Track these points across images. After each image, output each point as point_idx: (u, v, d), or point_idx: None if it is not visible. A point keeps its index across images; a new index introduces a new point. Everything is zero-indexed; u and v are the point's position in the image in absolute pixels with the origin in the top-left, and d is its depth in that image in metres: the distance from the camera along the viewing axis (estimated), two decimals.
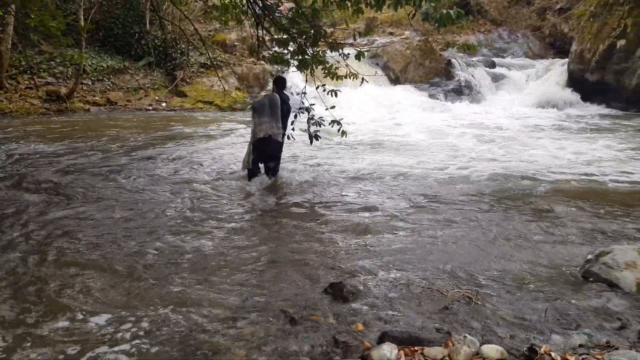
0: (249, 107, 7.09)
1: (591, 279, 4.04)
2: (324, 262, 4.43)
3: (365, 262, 4.43)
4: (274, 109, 6.73)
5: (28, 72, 15.30)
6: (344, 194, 6.74)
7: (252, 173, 7.07)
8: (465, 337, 2.93)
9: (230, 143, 10.19)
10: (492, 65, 20.18)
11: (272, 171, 7.23)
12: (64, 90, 14.75)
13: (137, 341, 3.11)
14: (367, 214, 5.83)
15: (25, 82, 15.19)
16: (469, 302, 3.59)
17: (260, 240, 5.02)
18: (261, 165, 7.20)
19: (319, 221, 5.59)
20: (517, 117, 15.16)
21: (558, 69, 18.71)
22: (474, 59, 20.20)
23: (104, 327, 3.27)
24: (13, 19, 14.20)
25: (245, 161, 7.11)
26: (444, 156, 9.18)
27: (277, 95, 6.88)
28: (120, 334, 3.19)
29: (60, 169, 7.58)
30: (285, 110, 6.98)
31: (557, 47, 22.48)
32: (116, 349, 3.03)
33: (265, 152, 6.99)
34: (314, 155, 9.12)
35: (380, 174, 7.77)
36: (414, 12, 4.75)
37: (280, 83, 7.22)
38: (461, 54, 19.86)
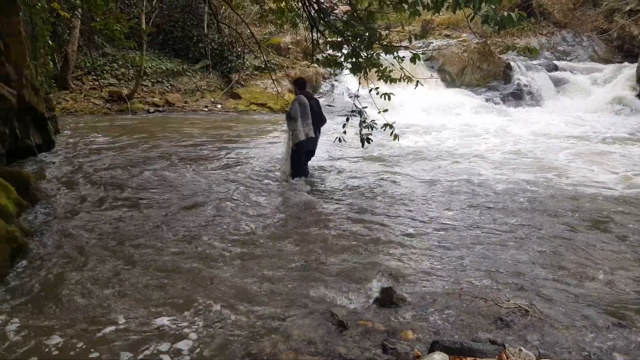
0: (287, 114, 7.25)
1: None
2: (373, 266, 4.37)
3: (417, 269, 4.35)
4: (305, 109, 7.07)
5: (92, 73, 16.00)
6: (395, 199, 6.64)
7: (296, 173, 7.34)
8: (520, 350, 2.81)
9: (280, 143, 10.26)
10: (555, 68, 19.43)
11: (306, 167, 7.62)
12: (125, 91, 15.32)
13: (187, 342, 3.15)
14: (420, 222, 5.70)
15: (90, 82, 15.89)
16: (525, 314, 3.45)
17: (308, 241, 5.01)
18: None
19: (368, 225, 5.52)
20: (586, 125, 14.08)
21: (626, 73, 17.79)
22: (535, 62, 19.54)
23: (161, 326, 3.35)
24: (79, 22, 14.91)
25: (288, 169, 7.39)
26: (516, 165, 8.82)
27: (303, 96, 7.19)
28: (169, 335, 3.26)
29: (120, 162, 7.88)
30: (315, 104, 7.32)
31: (625, 50, 21.41)
32: (168, 348, 3.09)
33: (308, 150, 7.38)
34: (365, 158, 9.05)
35: (443, 181, 7.54)
36: (473, 14, 4.61)
37: (301, 84, 7.56)
38: (521, 57, 19.27)
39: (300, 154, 7.24)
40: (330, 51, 7.14)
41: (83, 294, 3.74)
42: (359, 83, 6.88)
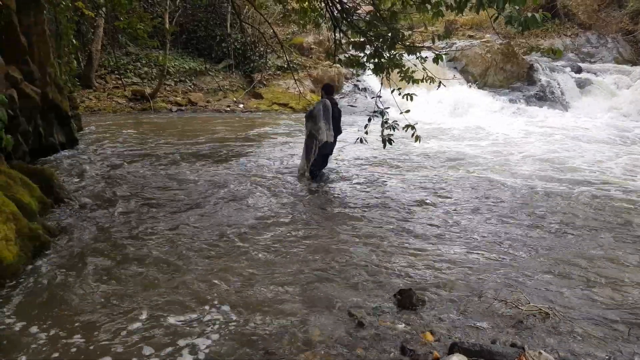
0: (308, 114, 7.40)
1: None
2: (392, 268, 4.37)
3: (436, 271, 4.32)
4: (327, 113, 7.23)
5: (115, 72, 16.23)
6: (412, 203, 6.61)
7: (314, 174, 7.47)
8: (540, 353, 2.79)
9: (302, 143, 10.29)
10: (579, 70, 19.15)
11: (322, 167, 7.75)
12: (148, 90, 15.49)
13: (206, 340, 3.18)
14: (439, 226, 5.65)
15: (113, 81, 16.11)
16: (546, 317, 3.41)
17: (324, 242, 5.01)
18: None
19: (384, 227, 5.51)
20: (617, 129, 13.51)
21: None
22: (559, 63, 19.27)
23: (177, 326, 3.40)
24: (103, 21, 15.13)
25: (304, 168, 7.55)
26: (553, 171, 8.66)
27: (328, 101, 7.32)
28: (188, 333, 3.30)
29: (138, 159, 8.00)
30: (337, 112, 7.47)
31: None
32: (186, 346, 3.13)
33: (325, 154, 7.53)
34: (384, 160, 9.03)
35: (465, 186, 7.46)
36: (496, 14, 4.57)
37: (328, 89, 7.71)
38: (545, 58, 19.03)
39: (317, 155, 7.34)
40: (352, 51, 7.14)
41: (104, 291, 3.79)
42: (381, 84, 6.86)
